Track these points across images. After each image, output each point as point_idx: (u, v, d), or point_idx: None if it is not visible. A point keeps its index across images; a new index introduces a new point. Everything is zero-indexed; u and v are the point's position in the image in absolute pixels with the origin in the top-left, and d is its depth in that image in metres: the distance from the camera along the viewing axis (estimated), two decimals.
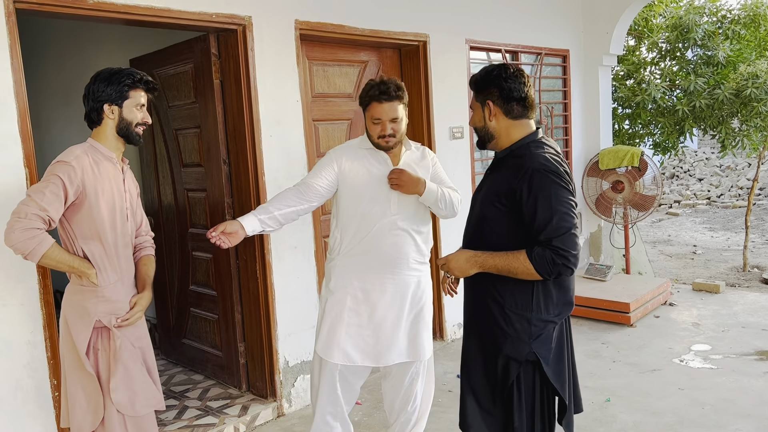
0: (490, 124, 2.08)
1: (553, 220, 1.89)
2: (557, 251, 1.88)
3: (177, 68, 3.83)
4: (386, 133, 2.54)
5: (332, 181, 2.61)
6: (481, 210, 2.09)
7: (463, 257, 2.07)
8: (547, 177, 1.92)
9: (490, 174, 2.15)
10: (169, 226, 4.23)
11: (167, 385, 4.01)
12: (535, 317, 2.01)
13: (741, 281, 6.18)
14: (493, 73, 2.05)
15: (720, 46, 5.85)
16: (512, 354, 2.03)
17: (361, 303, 2.60)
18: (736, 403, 3.44)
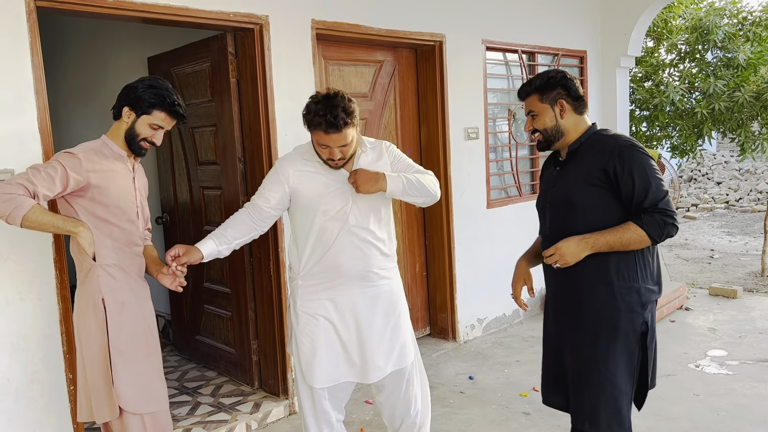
0: (562, 122, 2.23)
1: (652, 186, 2.07)
2: (665, 212, 2.06)
3: (194, 67, 3.86)
4: (335, 157, 2.34)
5: (281, 197, 2.45)
6: (569, 198, 2.19)
7: (572, 242, 2.13)
8: (636, 150, 2.11)
9: (563, 168, 2.26)
10: (184, 223, 4.26)
11: (180, 381, 4.04)
12: (643, 287, 2.15)
13: (759, 286, 6.10)
14: (557, 76, 2.25)
15: (740, 48, 5.78)
16: (629, 327, 2.13)
17: (336, 323, 2.45)
18: (752, 410, 3.39)
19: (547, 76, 2.26)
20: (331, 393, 2.52)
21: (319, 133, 2.30)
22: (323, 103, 2.27)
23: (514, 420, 3.41)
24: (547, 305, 2.42)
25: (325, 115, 2.24)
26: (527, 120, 2.32)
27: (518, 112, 5.15)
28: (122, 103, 2.31)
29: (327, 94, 2.30)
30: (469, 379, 3.99)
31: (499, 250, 4.93)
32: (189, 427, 3.37)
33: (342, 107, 2.26)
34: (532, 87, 2.27)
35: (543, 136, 2.28)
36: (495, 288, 4.93)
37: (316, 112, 2.27)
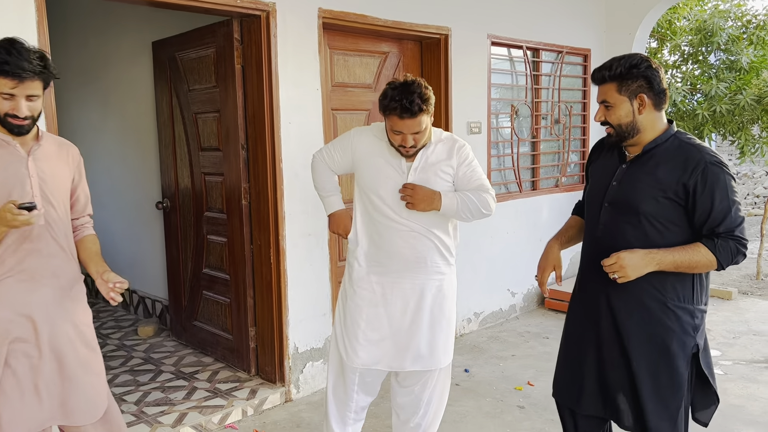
0: (639, 118, 2.01)
1: (731, 211, 1.93)
2: (739, 241, 1.94)
3: (199, 52, 3.86)
4: (407, 144, 2.34)
5: (343, 163, 2.55)
6: (637, 205, 2.01)
7: (637, 256, 1.95)
8: (721, 169, 1.94)
9: (633, 167, 2.05)
10: (184, 209, 4.26)
11: (177, 366, 4.05)
12: (697, 309, 2.04)
13: (754, 289, 6.14)
14: (642, 65, 1.99)
15: (743, 52, 5.80)
16: (680, 349, 2.02)
17: (380, 307, 2.46)
18: (744, 410, 3.42)
19: (629, 64, 1.99)
20: (361, 378, 2.56)
21: (393, 118, 2.30)
22: (400, 89, 2.27)
23: (508, 413, 3.43)
24: (580, 307, 2.27)
25: (401, 100, 2.24)
26: (599, 109, 2.08)
27: (521, 108, 5.15)
28: None
29: (405, 81, 2.30)
30: (464, 372, 4.02)
31: (497, 246, 4.94)
32: (185, 411, 3.38)
33: (418, 93, 2.25)
34: (611, 73, 2.01)
35: (615, 131, 2.05)
36: (492, 283, 4.95)
37: (393, 97, 2.27)
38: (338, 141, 2.59)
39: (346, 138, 2.56)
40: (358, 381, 2.56)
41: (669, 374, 2.03)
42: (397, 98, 2.25)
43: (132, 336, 4.71)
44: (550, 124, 5.44)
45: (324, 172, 2.61)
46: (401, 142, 2.34)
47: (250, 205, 3.66)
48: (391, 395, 2.74)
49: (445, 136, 2.52)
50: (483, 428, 3.27)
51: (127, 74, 4.96)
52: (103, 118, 5.35)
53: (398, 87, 2.28)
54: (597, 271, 2.09)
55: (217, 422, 3.31)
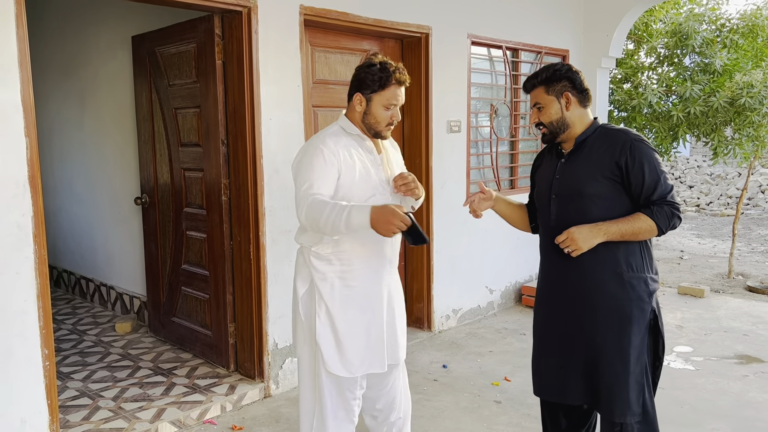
0: (567, 114, 2.26)
1: (660, 180, 2.15)
2: (673, 205, 2.16)
3: (179, 47, 3.84)
4: (397, 118, 2.36)
5: (335, 182, 2.30)
6: (581, 189, 2.21)
7: (585, 229, 2.16)
8: (645, 145, 2.17)
9: (570, 159, 2.28)
10: (163, 205, 4.24)
11: (155, 362, 4.03)
12: (649, 277, 2.23)
13: (725, 287, 6.28)
14: (563, 69, 2.26)
15: (717, 55, 5.91)
16: (641, 315, 2.19)
17: (366, 308, 2.38)
18: (714, 404, 3.51)
19: (552, 69, 2.27)
20: (360, 386, 2.46)
21: (392, 89, 2.29)
22: (385, 62, 2.29)
23: (485, 408, 3.48)
24: (546, 297, 2.39)
25: (396, 70, 2.28)
26: (533, 112, 2.32)
27: (500, 107, 5.21)
28: None
29: (379, 58, 2.32)
30: (443, 368, 4.06)
31: (476, 244, 5.00)
32: (163, 407, 3.37)
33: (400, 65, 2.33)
34: (539, 79, 2.28)
35: (548, 129, 2.29)
36: (471, 280, 5.01)
37: (385, 68, 2.27)
38: (319, 168, 2.24)
39: (320, 156, 2.25)
40: (358, 392, 2.44)
41: (631, 341, 2.20)
42: (391, 68, 2.27)
43: (109, 332, 4.68)
44: (528, 123, 5.51)
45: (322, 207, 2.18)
46: (392, 116, 2.34)
47: (230, 201, 3.66)
48: (365, 411, 2.63)
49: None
50: (460, 423, 3.31)
51: (106, 68, 4.92)
52: (81, 113, 5.30)
53: (383, 61, 2.31)
54: (555, 261, 2.30)
55: (195, 418, 3.31)
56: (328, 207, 2.16)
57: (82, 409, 3.38)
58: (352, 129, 2.36)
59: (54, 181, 5.80)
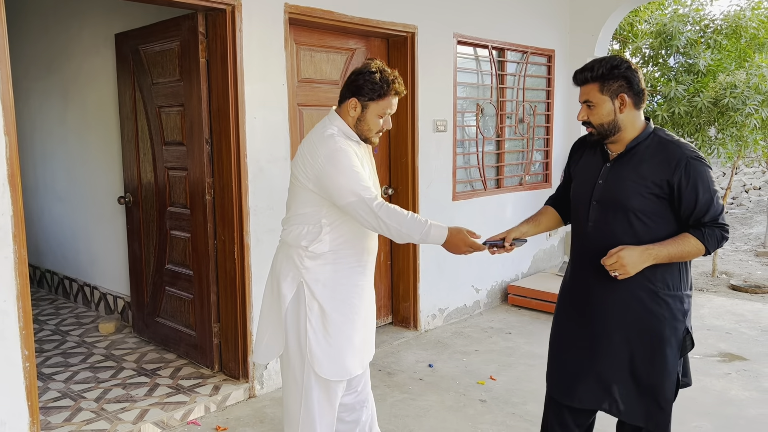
0: (620, 117, 2.10)
1: (713, 202, 2.05)
2: (723, 227, 2.07)
3: (163, 45, 3.81)
4: (389, 126, 2.39)
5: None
6: (625, 202, 2.10)
7: (635, 252, 2.04)
8: (701, 163, 2.06)
9: (617, 164, 2.14)
10: (147, 204, 4.21)
11: (139, 362, 4.00)
12: (685, 294, 2.15)
13: (709, 286, 6.33)
14: (622, 65, 2.08)
15: (701, 55, 5.97)
16: (672, 334, 2.12)
17: (359, 306, 2.38)
18: (697, 402, 3.54)
19: (610, 65, 2.08)
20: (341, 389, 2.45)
21: (388, 99, 2.30)
22: (385, 70, 2.29)
23: (470, 407, 3.48)
24: (571, 302, 2.32)
25: (396, 78, 2.29)
26: (581, 109, 2.16)
27: (486, 107, 5.22)
28: None
29: (377, 65, 2.30)
30: (428, 367, 4.06)
31: None
32: (146, 408, 3.34)
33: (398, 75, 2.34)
34: (593, 74, 2.09)
35: (597, 130, 2.14)
36: (457, 279, 5.01)
37: (385, 78, 2.27)
38: (358, 166, 2.24)
39: (350, 155, 2.24)
40: (341, 394, 2.44)
41: (662, 361, 2.13)
42: (391, 79, 2.28)
43: (93, 333, 4.63)
44: (514, 123, 5.52)
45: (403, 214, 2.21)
46: (384, 124, 2.35)
47: (214, 201, 3.64)
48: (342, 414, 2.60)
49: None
50: (445, 422, 3.31)
51: (89, 66, 4.87)
52: (63, 111, 5.24)
53: (382, 68, 2.29)
54: (587, 266, 2.20)
55: (179, 418, 3.29)
56: (408, 218, 2.19)
57: (64, 410, 3.35)
58: (351, 134, 2.34)
59: (36, 180, 5.73)
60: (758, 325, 4.91)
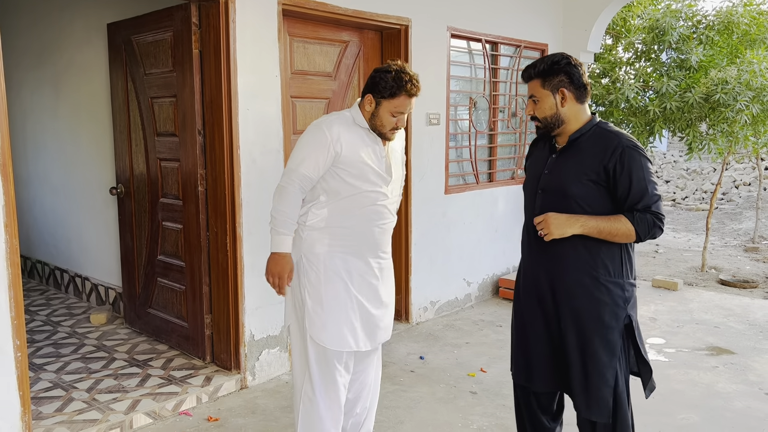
0: (562, 110, 2.22)
1: (648, 190, 2.12)
2: (657, 215, 2.13)
3: (156, 36, 3.79)
4: (402, 125, 2.46)
5: (327, 164, 2.41)
6: (566, 189, 2.20)
7: (563, 216, 2.16)
8: (637, 152, 2.14)
9: (561, 156, 2.26)
10: (139, 195, 4.20)
11: (130, 353, 4.00)
12: (627, 282, 2.22)
13: (699, 280, 6.39)
14: (562, 61, 2.20)
15: (693, 51, 5.99)
16: (613, 320, 2.19)
17: (349, 285, 2.47)
18: (684, 394, 3.58)
19: (551, 61, 2.21)
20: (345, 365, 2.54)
21: (401, 98, 2.37)
22: (401, 71, 2.36)
23: (461, 398, 3.51)
24: (523, 290, 2.41)
25: (411, 80, 2.35)
26: (528, 103, 2.29)
27: (479, 100, 5.23)
28: None
29: (398, 66, 2.38)
30: (419, 359, 4.08)
31: (454, 236, 5.02)
32: (138, 398, 3.35)
33: (414, 75, 2.40)
34: (536, 71, 2.23)
35: (542, 123, 2.26)
36: (449, 272, 5.03)
37: (399, 78, 2.34)
38: (313, 149, 2.40)
39: (321, 139, 2.39)
40: (343, 369, 2.52)
41: (604, 344, 2.20)
42: (406, 79, 2.35)
43: (84, 324, 4.63)
44: (507, 117, 5.54)
45: (296, 203, 2.45)
46: (398, 122, 2.42)
47: (207, 192, 3.64)
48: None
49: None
50: (436, 413, 3.33)
51: (81, 56, 4.84)
52: (55, 101, 5.21)
53: (400, 69, 2.38)
54: (536, 253, 2.31)
55: (171, 409, 3.30)
56: (289, 206, 2.42)
57: (56, 400, 3.35)
58: (362, 122, 2.46)
59: (28, 170, 5.70)
60: (746, 320, 4.96)
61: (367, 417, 2.73)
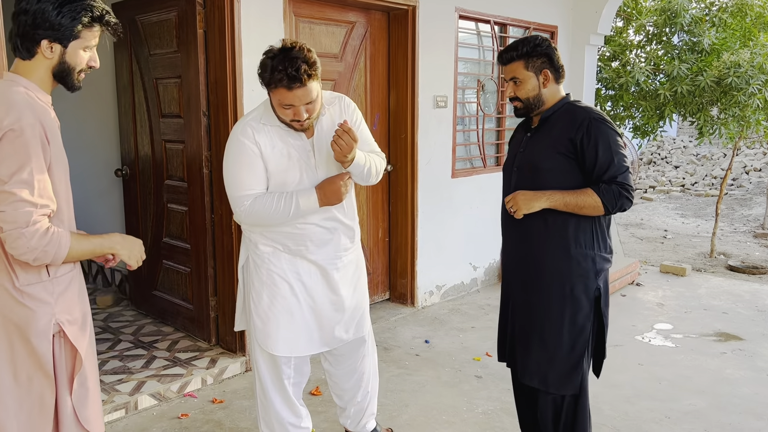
0: (544, 91, 2.25)
1: (614, 160, 2.14)
2: (622, 185, 2.14)
3: (160, 15, 3.75)
4: (301, 118, 2.11)
5: (264, 173, 2.21)
6: (537, 164, 2.24)
7: (530, 192, 2.20)
8: (604, 124, 2.17)
9: (534, 134, 2.30)
10: (144, 177, 4.18)
11: (136, 335, 4.01)
12: (597, 254, 2.24)
13: (707, 266, 6.34)
14: (543, 44, 2.23)
15: (706, 33, 5.88)
16: (583, 293, 2.22)
17: (297, 290, 2.33)
18: (691, 380, 3.56)
19: (533, 43, 2.23)
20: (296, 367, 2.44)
21: (281, 91, 2.05)
22: (281, 57, 2.02)
23: (466, 382, 3.50)
24: (504, 269, 2.47)
25: (285, 69, 2.00)
26: (509, 86, 2.29)
27: (487, 83, 5.16)
28: (36, 36, 1.67)
29: (283, 47, 2.05)
30: (425, 343, 4.07)
31: (460, 220, 4.99)
32: (144, 379, 3.36)
33: (302, 59, 2.01)
34: (518, 53, 2.24)
35: (524, 104, 2.28)
36: (455, 256, 5.01)
37: (275, 67, 2.02)
38: (241, 163, 2.18)
39: (243, 149, 2.17)
40: (292, 372, 2.42)
41: (572, 316, 2.23)
42: (280, 68, 2.01)
43: (90, 305, 4.63)
44: None
45: (266, 202, 2.20)
46: (294, 116, 2.11)
47: (212, 174, 3.61)
48: (331, 387, 2.69)
49: (330, 97, 2.35)
50: (441, 397, 3.33)
51: None
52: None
53: (278, 55, 2.03)
54: (510, 230, 2.36)
55: (176, 391, 3.30)
56: (274, 202, 2.18)
57: None
58: (270, 119, 2.21)
59: None
60: (755, 306, 4.92)
61: (370, 402, 2.71)
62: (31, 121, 1.62)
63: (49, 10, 1.65)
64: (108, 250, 1.84)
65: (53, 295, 1.73)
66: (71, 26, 1.69)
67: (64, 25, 1.68)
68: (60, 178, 1.76)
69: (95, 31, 1.75)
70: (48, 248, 1.63)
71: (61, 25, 1.67)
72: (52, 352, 1.74)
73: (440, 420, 3.09)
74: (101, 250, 1.82)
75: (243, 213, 2.21)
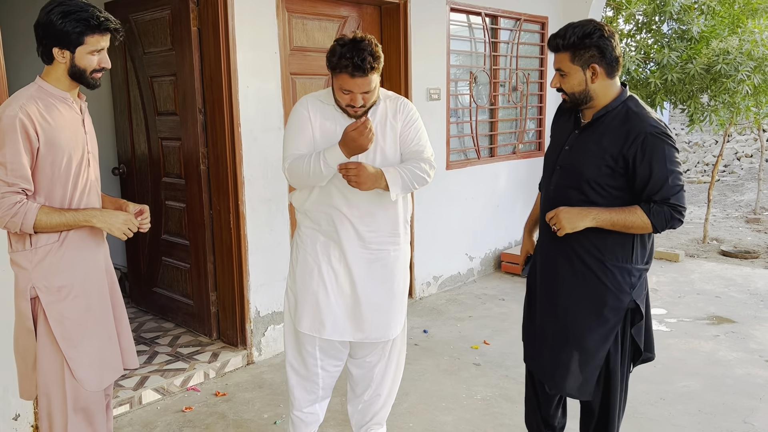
0: (592, 86, 2.06)
1: (668, 180, 1.99)
2: (675, 207, 2.00)
3: (154, 14, 3.77)
4: (357, 104, 2.24)
5: (312, 139, 2.34)
6: (582, 170, 2.09)
7: (574, 211, 2.06)
8: (660, 139, 1.99)
9: (584, 133, 2.12)
10: (141, 175, 4.21)
11: (137, 332, 4.05)
12: (634, 268, 2.12)
13: (700, 252, 6.41)
14: (594, 34, 2.01)
15: (694, 21, 5.94)
16: (615, 304, 2.11)
17: (330, 274, 2.38)
18: (686, 363, 3.62)
19: (582, 33, 2.01)
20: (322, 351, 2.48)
21: (344, 77, 2.19)
22: (350, 46, 2.16)
23: (465, 370, 3.56)
24: (536, 265, 2.33)
25: (352, 58, 2.14)
26: (555, 76, 2.12)
27: (479, 75, 5.20)
28: (47, 44, 1.97)
29: (354, 38, 2.19)
30: (423, 333, 4.13)
31: (456, 212, 5.04)
32: (146, 375, 3.40)
33: (369, 51, 2.16)
34: (565, 42, 2.04)
35: (570, 98, 2.11)
36: (451, 248, 5.06)
37: (343, 54, 2.16)
38: (293, 127, 2.35)
39: (298, 115, 2.35)
40: (317, 353, 2.47)
41: (603, 330, 2.13)
42: (348, 56, 2.15)
43: None
44: (508, 91, 5.52)
45: (301, 160, 2.29)
46: (350, 101, 2.24)
47: (209, 170, 3.65)
48: (348, 380, 2.68)
49: (391, 95, 2.44)
50: (440, 385, 3.38)
51: None
52: None
53: (348, 44, 2.17)
54: (548, 231, 2.21)
55: (179, 385, 3.35)
56: (305, 160, 2.28)
57: None
58: (328, 99, 2.36)
59: None
60: (747, 289, 5.00)
61: (381, 408, 2.65)
62: (10, 113, 1.90)
63: (55, 22, 1.94)
64: (84, 223, 2.05)
65: (32, 263, 2.01)
66: (74, 35, 1.96)
67: (67, 35, 1.95)
68: (54, 163, 1.99)
69: (98, 37, 2.01)
70: (15, 219, 1.92)
71: (65, 34, 1.95)
72: (33, 312, 2.03)
73: (440, 407, 3.15)
74: (75, 221, 2.03)
75: (286, 170, 2.35)
